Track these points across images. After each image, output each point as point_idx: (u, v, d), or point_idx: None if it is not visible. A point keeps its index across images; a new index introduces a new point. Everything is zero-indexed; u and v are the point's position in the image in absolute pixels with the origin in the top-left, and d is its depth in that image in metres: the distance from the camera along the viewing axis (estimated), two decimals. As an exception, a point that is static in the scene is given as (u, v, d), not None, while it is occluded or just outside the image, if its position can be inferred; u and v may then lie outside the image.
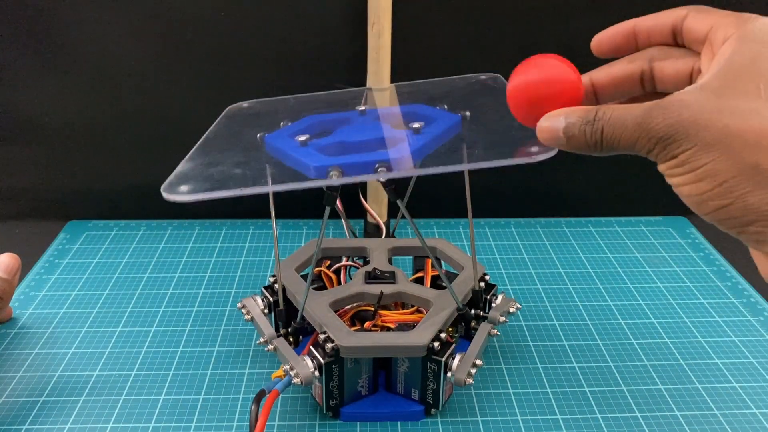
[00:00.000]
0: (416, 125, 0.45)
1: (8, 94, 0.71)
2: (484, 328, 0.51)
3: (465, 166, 0.43)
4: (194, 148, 0.49)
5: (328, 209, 0.48)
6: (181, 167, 0.45)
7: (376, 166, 0.42)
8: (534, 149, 0.40)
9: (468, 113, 0.48)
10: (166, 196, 0.41)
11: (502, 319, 0.51)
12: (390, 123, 0.49)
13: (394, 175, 0.42)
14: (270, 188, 0.43)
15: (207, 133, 0.52)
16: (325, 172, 0.42)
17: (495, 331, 0.51)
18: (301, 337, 0.52)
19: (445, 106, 0.51)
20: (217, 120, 0.55)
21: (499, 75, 0.57)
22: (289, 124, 0.50)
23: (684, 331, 0.60)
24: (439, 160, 0.45)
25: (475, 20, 0.70)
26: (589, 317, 0.61)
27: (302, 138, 0.45)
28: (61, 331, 0.58)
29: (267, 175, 0.44)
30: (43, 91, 0.71)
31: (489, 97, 0.53)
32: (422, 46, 0.70)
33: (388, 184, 0.47)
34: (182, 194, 0.41)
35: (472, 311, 0.53)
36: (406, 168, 0.43)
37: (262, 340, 0.50)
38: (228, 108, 0.58)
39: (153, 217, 0.77)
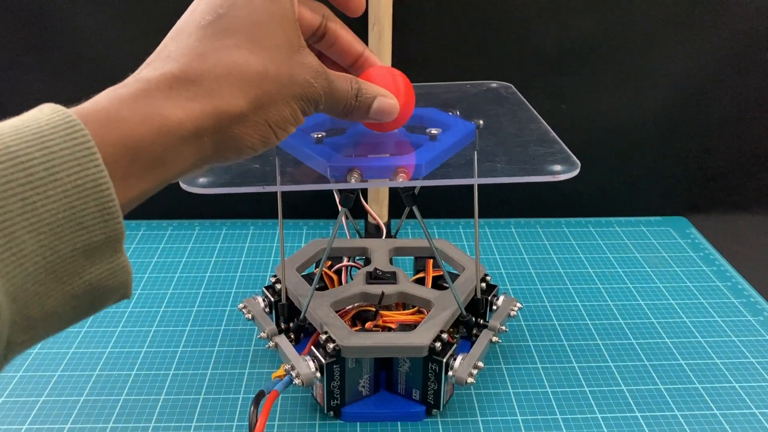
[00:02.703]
0: (433, 131, 0.45)
1: (8, 95, 0.70)
2: (485, 336, 0.51)
3: (490, 180, 0.42)
4: None
5: (343, 210, 0.47)
6: None
7: (396, 171, 0.41)
8: (557, 168, 0.40)
9: (481, 122, 0.48)
10: (184, 186, 0.40)
11: (503, 328, 0.51)
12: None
13: (415, 183, 0.42)
14: (290, 188, 0.42)
15: None
16: (343, 174, 0.42)
17: (496, 338, 0.51)
18: (302, 335, 0.52)
19: (458, 113, 0.50)
20: None
21: (510, 84, 0.56)
22: None
23: (684, 331, 0.60)
24: (459, 170, 0.44)
25: (475, 21, 0.70)
26: (589, 317, 0.61)
27: (318, 135, 0.45)
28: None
29: (285, 173, 0.44)
30: (42, 91, 0.70)
31: (502, 106, 0.53)
32: (422, 47, 0.70)
33: (405, 190, 0.46)
34: (201, 186, 0.41)
35: (473, 319, 0.52)
36: (425, 175, 0.42)
37: (263, 335, 0.50)
38: None
39: (153, 217, 0.77)
